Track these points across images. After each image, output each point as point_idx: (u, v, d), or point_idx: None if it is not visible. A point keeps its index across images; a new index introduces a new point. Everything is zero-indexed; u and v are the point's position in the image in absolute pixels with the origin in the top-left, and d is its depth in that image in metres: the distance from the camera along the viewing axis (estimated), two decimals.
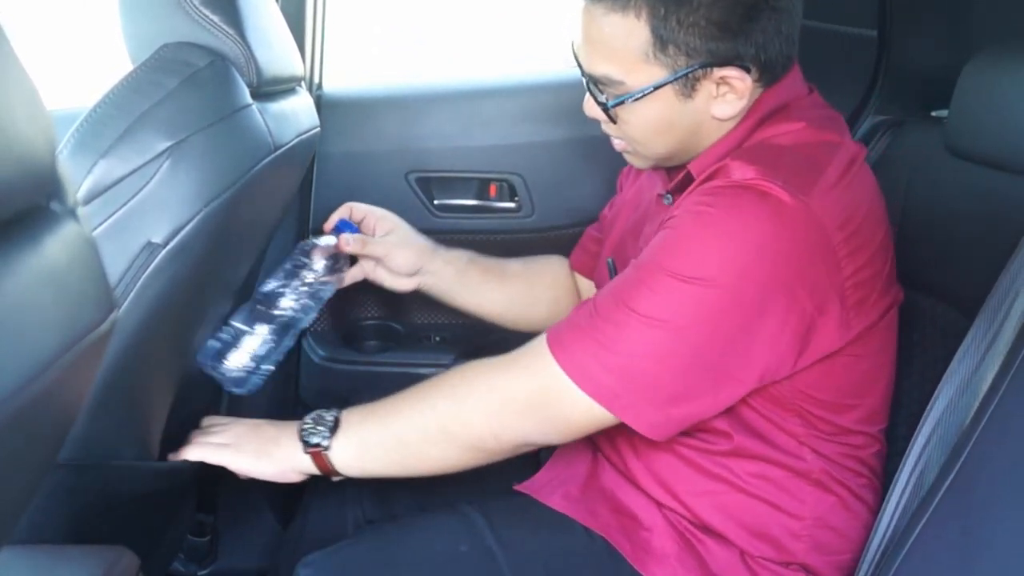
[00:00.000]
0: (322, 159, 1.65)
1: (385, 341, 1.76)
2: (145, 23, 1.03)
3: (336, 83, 1.73)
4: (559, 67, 1.80)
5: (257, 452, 1.04)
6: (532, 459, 1.27)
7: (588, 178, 1.70)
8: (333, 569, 1.05)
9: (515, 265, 1.40)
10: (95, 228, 0.86)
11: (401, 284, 1.30)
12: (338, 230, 1.27)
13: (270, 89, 1.13)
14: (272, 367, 1.18)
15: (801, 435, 1.01)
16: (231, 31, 1.02)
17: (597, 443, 1.16)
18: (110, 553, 0.78)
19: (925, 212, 1.22)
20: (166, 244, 0.89)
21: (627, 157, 1.10)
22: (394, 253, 1.28)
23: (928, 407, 1.00)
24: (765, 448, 1.02)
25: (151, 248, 0.89)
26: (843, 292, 0.93)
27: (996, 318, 0.98)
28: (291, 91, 1.26)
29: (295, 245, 1.60)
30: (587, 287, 1.38)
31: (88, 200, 0.86)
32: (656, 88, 0.96)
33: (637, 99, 0.97)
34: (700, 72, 0.95)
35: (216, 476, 1.59)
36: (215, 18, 1.01)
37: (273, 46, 1.13)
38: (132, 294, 0.88)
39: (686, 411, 0.93)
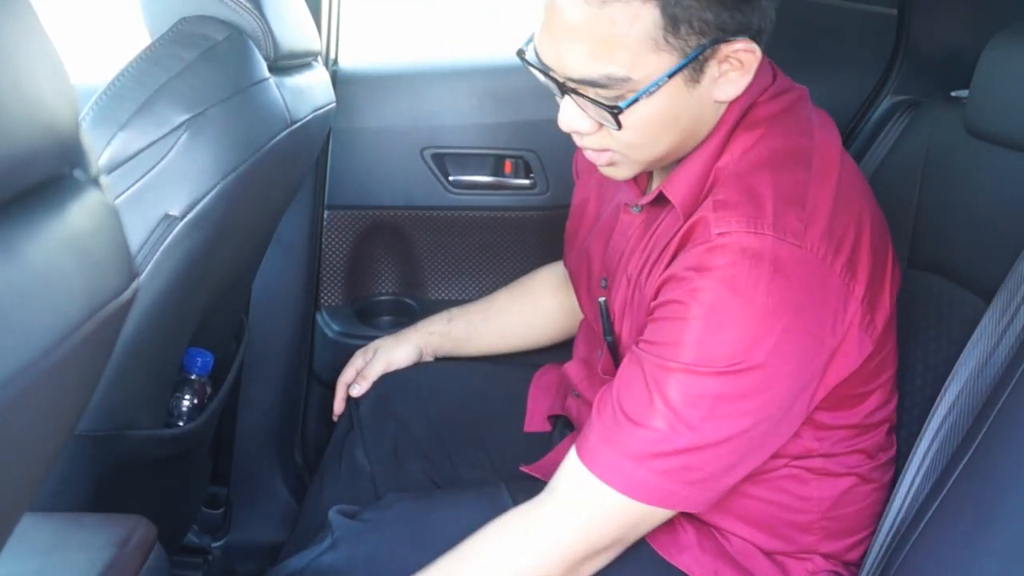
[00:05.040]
0: (337, 134, 1.65)
1: (399, 317, 1.76)
2: None
3: (352, 58, 1.72)
4: None
5: None
6: (544, 442, 1.27)
7: None
8: (364, 534, 1.06)
9: (503, 294, 1.42)
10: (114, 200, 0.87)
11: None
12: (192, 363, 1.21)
13: (287, 63, 1.13)
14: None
15: (814, 450, 0.99)
16: (249, 5, 1.02)
17: None
18: (128, 522, 0.79)
19: (943, 194, 1.21)
20: (184, 216, 0.90)
21: (607, 171, 0.96)
22: (393, 362, 1.36)
23: (943, 388, 1.00)
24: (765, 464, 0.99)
25: (169, 220, 0.89)
26: (859, 315, 0.89)
27: (1013, 301, 0.97)
28: (307, 66, 1.26)
29: (308, 225, 1.60)
30: None
31: (107, 172, 0.86)
32: (670, 77, 0.83)
33: (651, 94, 0.84)
34: (709, 51, 0.84)
35: (228, 448, 1.62)
36: None
37: (290, 20, 1.13)
38: (150, 266, 0.88)
39: (734, 479, 0.91)
